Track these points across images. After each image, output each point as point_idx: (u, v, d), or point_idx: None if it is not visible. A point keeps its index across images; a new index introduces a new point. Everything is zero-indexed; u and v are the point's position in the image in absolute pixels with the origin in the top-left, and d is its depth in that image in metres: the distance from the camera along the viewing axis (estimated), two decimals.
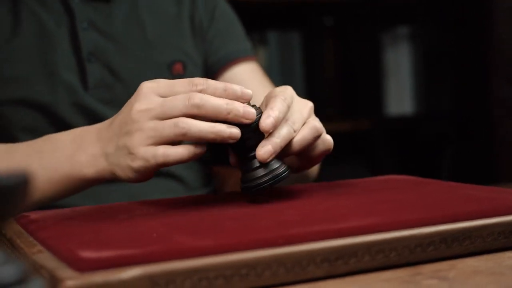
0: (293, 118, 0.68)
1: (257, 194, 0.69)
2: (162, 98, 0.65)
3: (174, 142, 0.65)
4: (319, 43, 2.14)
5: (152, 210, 0.67)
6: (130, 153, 0.66)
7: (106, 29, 0.97)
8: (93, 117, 0.93)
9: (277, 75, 2.08)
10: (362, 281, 0.52)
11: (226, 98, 0.65)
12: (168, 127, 0.64)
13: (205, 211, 0.65)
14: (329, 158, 0.74)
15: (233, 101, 0.65)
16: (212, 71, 1.05)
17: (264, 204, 0.67)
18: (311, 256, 0.52)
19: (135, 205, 0.70)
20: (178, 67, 1.01)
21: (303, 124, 0.69)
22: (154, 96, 0.66)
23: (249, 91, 0.67)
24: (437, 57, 2.28)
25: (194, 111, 0.64)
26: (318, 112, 0.79)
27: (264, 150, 0.65)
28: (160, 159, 0.65)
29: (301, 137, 0.68)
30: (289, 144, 0.68)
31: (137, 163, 0.66)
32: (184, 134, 0.64)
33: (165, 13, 1.03)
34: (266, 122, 0.65)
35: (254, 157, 0.67)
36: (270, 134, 0.66)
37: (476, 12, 2.20)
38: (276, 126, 0.65)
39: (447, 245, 0.57)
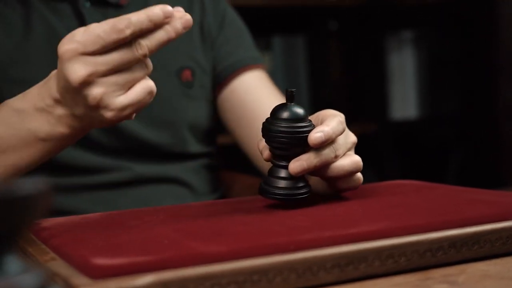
0: (338, 143, 0.68)
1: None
2: (101, 58, 0.64)
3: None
4: (324, 47, 2.14)
5: (161, 217, 0.67)
6: (98, 108, 0.65)
7: None
8: None
9: (282, 80, 2.08)
10: (373, 286, 0.53)
11: (154, 26, 0.65)
12: (129, 62, 0.65)
13: (215, 217, 0.65)
14: None
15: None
16: (220, 79, 1.06)
17: (274, 209, 0.68)
18: (321, 261, 0.53)
19: (144, 212, 0.71)
20: (187, 73, 1.01)
21: (344, 154, 0.69)
22: (85, 58, 0.64)
23: (168, 7, 0.66)
24: (441, 61, 2.28)
25: (147, 51, 0.65)
26: None
27: (298, 164, 0.66)
28: (122, 101, 0.65)
29: (340, 165, 0.68)
30: (326, 167, 0.68)
31: (110, 114, 0.66)
32: (145, 56, 0.65)
33: None
34: (315, 136, 0.65)
35: (285, 166, 0.67)
36: (311, 150, 0.66)
37: (480, 16, 2.21)
38: (323, 144, 0.66)
39: (456, 249, 0.57)
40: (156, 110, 0.97)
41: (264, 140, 0.68)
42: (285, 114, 0.67)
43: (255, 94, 1.04)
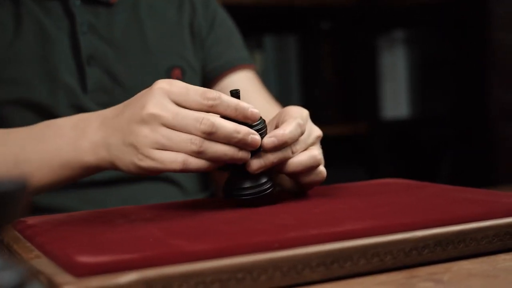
0: (300, 140, 0.69)
1: (237, 202, 0.70)
2: (175, 108, 0.65)
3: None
4: (316, 47, 2.14)
5: (148, 215, 0.67)
6: (138, 152, 0.66)
7: (106, 34, 0.98)
8: None
9: (274, 79, 2.08)
10: (358, 284, 0.53)
11: (236, 117, 0.66)
12: (185, 143, 0.64)
13: (201, 215, 0.65)
14: (326, 161, 0.75)
15: (242, 126, 0.65)
16: (210, 78, 1.06)
17: (259, 208, 0.68)
18: (307, 260, 0.52)
19: (131, 210, 0.71)
20: (176, 72, 1.01)
21: (305, 149, 0.70)
22: (167, 101, 0.65)
23: (257, 112, 0.67)
24: (433, 61, 2.29)
25: (204, 136, 0.64)
26: (314, 116, 0.79)
27: (255, 162, 0.67)
28: (180, 165, 0.65)
29: (297, 161, 0.69)
30: (283, 163, 0.68)
31: (146, 163, 0.66)
32: (199, 153, 0.64)
33: (165, 19, 1.04)
34: (267, 141, 0.66)
35: (244, 166, 0.67)
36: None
37: (473, 16, 2.21)
38: (277, 149, 0.67)
39: (442, 248, 0.57)
40: None
41: None
42: None
43: (244, 94, 1.04)
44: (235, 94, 0.68)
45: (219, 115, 0.66)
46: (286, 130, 0.67)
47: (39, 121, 0.91)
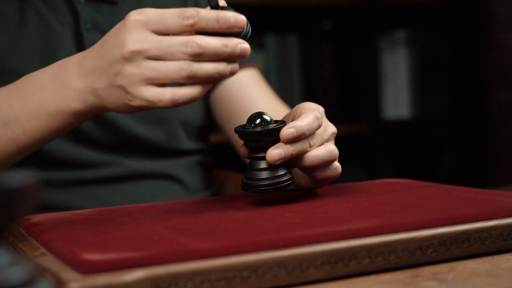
0: (314, 134, 0.69)
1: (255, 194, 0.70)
2: (156, 37, 0.63)
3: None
4: (317, 46, 2.14)
5: (152, 213, 0.67)
6: (128, 92, 0.65)
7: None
8: (94, 117, 0.93)
9: (275, 79, 2.09)
10: (362, 283, 0.53)
11: (220, 30, 0.64)
12: (174, 71, 0.63)
13: (205, 213, 0.65)
14: None
15: (229, 39, 0.64)
16: None
17: (264, 206, 0.68)
18: (311, 258, 0.53)
19: (135, 208, 0.71)
20: None
21: (321, 144, 0.70)
22: (145, 32, 0.63)
23: (242, 16, 0.65)
24: (434, 61, 2.29)
25: (193, 59, 0.63)
26: None
27: (275, 152, 0.66)
28: (169, 103, 0.64)
29: (314, 154, 0.68)
30: (300, 157, 0.68)
31: (137, 103, 0.65)
32: (190, 77, 0.63)
33: None
34: (287, 132, 0.66)
35: (263, 158, 0.67)
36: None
37: (473, 16, 2.21)
38: (295, 139, 0.66)
39: (446, 247, 0.58)
40: None
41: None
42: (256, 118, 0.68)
43: (249, 92, 1.04)
44: (214, 5, 0.66)
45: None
46: (304, 122, 0.66)
47: None
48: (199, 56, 0.63)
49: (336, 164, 0.72)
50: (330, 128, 0.72)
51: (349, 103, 2.22)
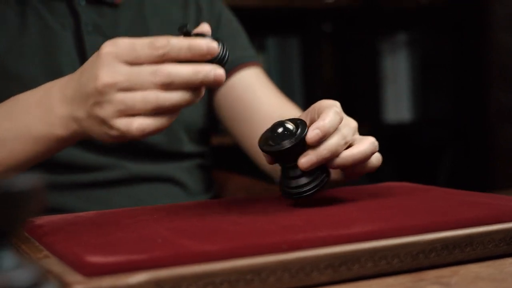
0: (345, 130, 0.68)
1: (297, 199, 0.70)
2: (127, 68, 0.64)
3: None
4: (318, 49, 2.14)
5: (155, 216, 0.67)
6: (104, 123, 0.65)
7: (111, 34, 0.98)
8: None
9: (276, 81, 2.07)
10: (366, 287, 0.53)
11: (192, 58, 0.64)
12: (141, 102, 0.63)
13: (208, 216, 0.65)
14: None
15: (201, 66, 0.64)
16: None
17: (267, 209, 0.68)
18: (315, 262, 0.53)
19: (138, 211, 0.71)
20: None
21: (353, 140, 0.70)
22: (117, 64, 0.64)
23: (215, 44, 0.65)
24: (435, 64, 2.29)
25: (163, 89, 0.63)
26: None
27: (306, 160, 0.66)
28: (135, 132, 0.64)
29: (359, 151, 0.68)
30: (343, 156, 0.67)
31: (113, 133, 0.65)
32: (157, 109, 0.63)
33: (170, 19, 1.04)
34: (312, 134, 0.65)
35: (296, 166, 0.67)
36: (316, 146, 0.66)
37: (473, 18, 2.22)
38: (322, 140, 0.66)
39: (449, 251, 0.58)
40: None
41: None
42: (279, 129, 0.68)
43: (254, 90, 1.04)
44: (185, 31, 0.65)
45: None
46: (326, 120, 0.66)
47: None
48: (169, 86, 0.63)
49: (378, 154, 0.72)
50: (352, 122, 0.72)
51: (349, 105, 2.21)
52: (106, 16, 0.98)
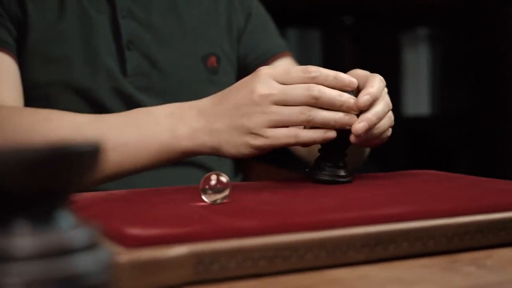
0: (387, 98, 0.75)
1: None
2: (281, 85, 0.70)
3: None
4: (339, 42, 2.14)
5: (187, 195, 0.67)
6: (251, 132, 0.71)
7: (145, 19, 0.99)
8: (130, 103, 0.95)
9: None
10: (402, 266, 0.53)
11: (336, 86, 0.71)
12: (295, 114, 0.70)
13: (239, 196, 0.66)
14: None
15: (343, 93, 0.71)
16: (251, 67, 1.06)
17: (298, 192, 0.68)
18: (351, 240, 0.53)
19: (168, 190, 0.71)
20: (212, 60, 1.03)
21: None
22: (273, 81, 0.71)
23: (355, 80, 0.72)
24: (455, 60, 2.28)
25: (312, 102, 0.69)
26: None
27: (360, 126, 0.71)
28: (292, 140, 0.71)
29: (383, 124, 0.76)
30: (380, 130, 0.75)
31: (261, 141, 0.71)
32: (309, 121, 0.70)
33: (202, 6, 1.06)
34: (363, 99, 0.71)
35: (341, 156, 0.74)
36: (366, 111, 0.72)
37: (494, 15, 2.21)
38: (372, 104, 0.71)
39: (483, 235, 0.58)
40: (182, 96, 0.98)
41: None
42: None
43: None
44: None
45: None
46: (374, 87, 0.72)
47: (79, 102, 0.92)
48: (318, 99, 0.69)
49: (390, 112, 0.78)
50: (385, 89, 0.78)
51: None
52: (140, 1, 1.00)
